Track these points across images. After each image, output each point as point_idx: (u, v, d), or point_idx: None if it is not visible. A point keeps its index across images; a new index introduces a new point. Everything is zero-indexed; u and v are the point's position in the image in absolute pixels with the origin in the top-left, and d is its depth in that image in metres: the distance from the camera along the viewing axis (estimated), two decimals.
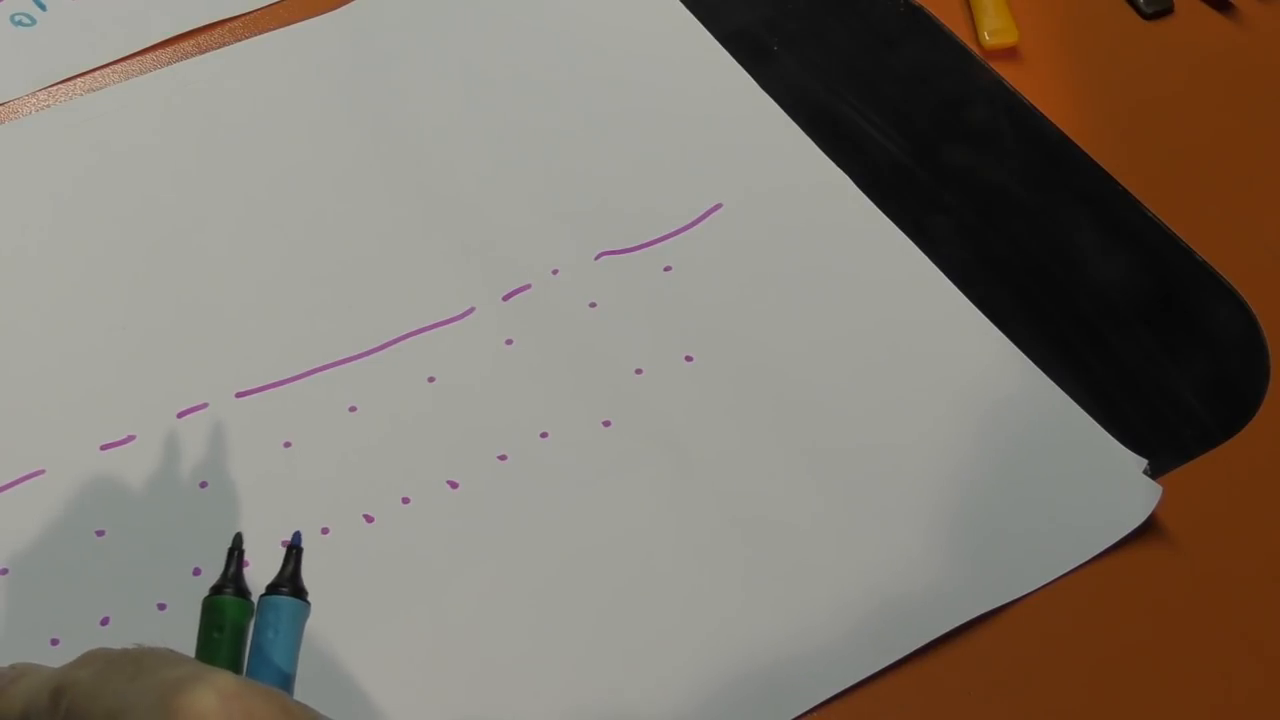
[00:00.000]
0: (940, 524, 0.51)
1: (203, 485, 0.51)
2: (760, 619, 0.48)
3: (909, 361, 0.55)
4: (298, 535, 0.39)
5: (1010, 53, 0.66)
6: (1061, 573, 0.50)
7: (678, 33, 0.66)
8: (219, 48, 0.64)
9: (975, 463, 0.52)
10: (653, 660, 0.47)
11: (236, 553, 0.39)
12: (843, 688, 0.47)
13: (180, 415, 0.52)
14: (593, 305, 0.56)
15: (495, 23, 0.66)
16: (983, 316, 0.56)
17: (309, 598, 0.38)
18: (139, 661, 0.35)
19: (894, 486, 0.52)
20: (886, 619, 0.48)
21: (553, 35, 0.66)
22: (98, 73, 0.63)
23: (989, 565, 0.50)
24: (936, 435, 0.53)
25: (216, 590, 0.38)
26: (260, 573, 0.48)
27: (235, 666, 0.37)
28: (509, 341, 0.55)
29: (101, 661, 0.36)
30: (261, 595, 0.38)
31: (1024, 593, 0.49)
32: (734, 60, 0.65)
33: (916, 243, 0.58)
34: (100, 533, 0.49)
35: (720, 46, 0.65)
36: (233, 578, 0.38)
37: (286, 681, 0.37)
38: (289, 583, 0.38)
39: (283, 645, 0.37)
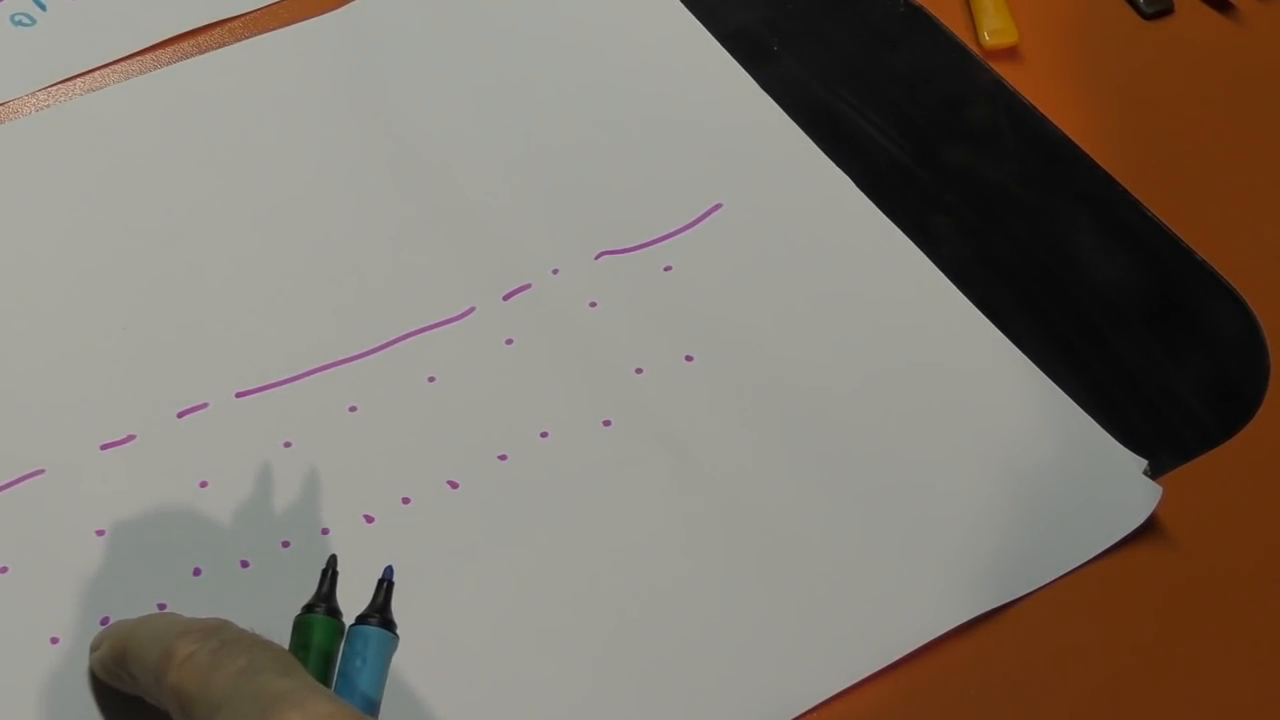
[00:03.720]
0: (940, 524, 0.51)
1: (203, 485, 0.51)
2: (759, 618, 0.48)
3: (908, 361, 0.55)
4: (389, 569, 0.39)
5: (1010, 53, 0.66)
6: (1062, 573, 0.50)
7: (678, 33, 0.66)
8: (219, 48, 0.64)
9: (975, 463, 0.52)
10: (652, 658, 0.47)
11: (330, 573, 0.39)
12: (843, 687, 0.47)
13: (180, 415, 0.52)
14: (593, 305, 0.56)
15: (495, 22, 0.66)
16: (983, 316, 0.56)
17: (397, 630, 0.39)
18: (251, 655, 0.36)
19: (894, 486, 0.52)
20: (887, 619, 0.48)
21: (553, 34, 0.66)
22: (98, 73, 0.63)
23: (989, 565, 0.50)
24: (936, 435, 0.53)
25: (308, 609, 0.38)
26: (257, 572, 0.48)
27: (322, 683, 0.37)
28: (509, 341, 0.55)
29: (217, 641, 0.37)
30: (351, 625, 0.38)
31: (1024, 592, 0.49)
32: (734, 60, 0.65)
33: (916, 243, 0.58)
34: (100, 532, 0.49)
35: (720, 47, 0.65)
36: (324, 596, 0.39)
37: (371, 710, 0.37)
38: (378, 614, 0.38)
39: (369, 674, 0.38)
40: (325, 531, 0.50)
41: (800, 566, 0.49)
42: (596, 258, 0.58)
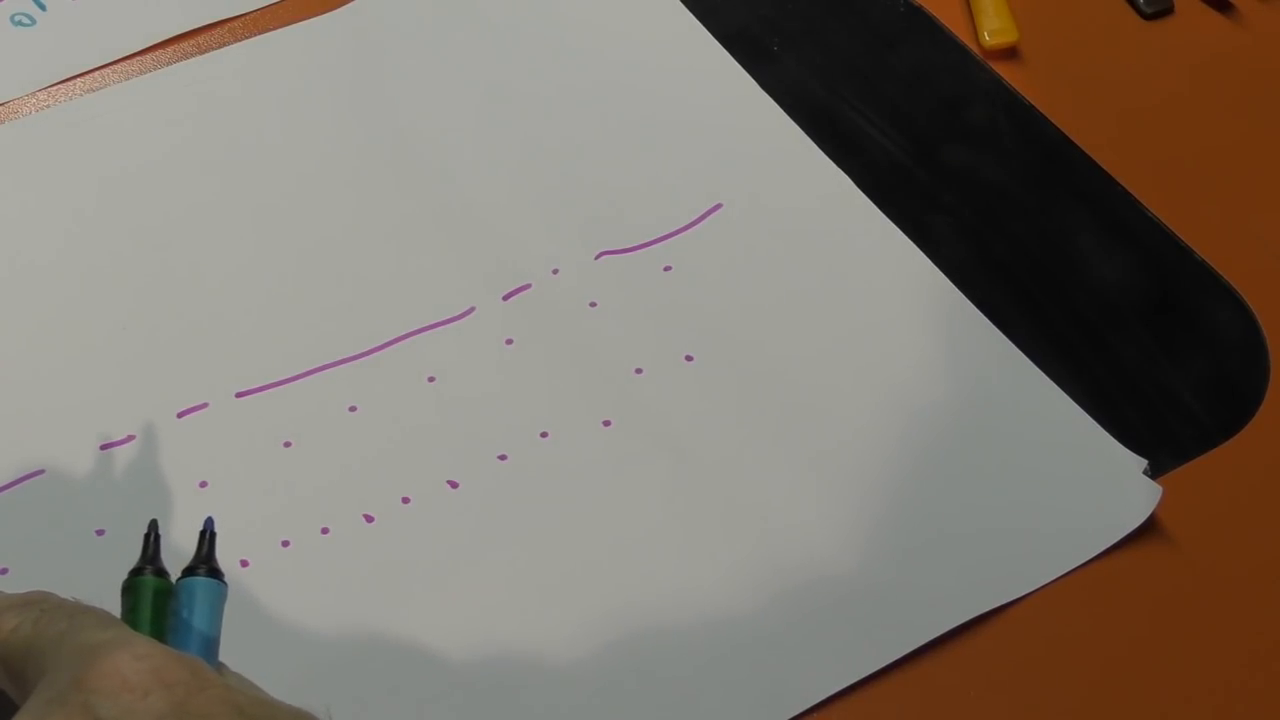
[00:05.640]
0: (940, 523, 0.51)
1: (203, 485, 0.51)
2: (759, 617, 0.48)
3: (908, 362, 0.55)
4: (210, 520, 0.40)
5: (1010, 53, 0.66)
6: (1061, 573, 0.50)
7: (678, 33, 0.66)
8: (219, 48, 0.65)
9: (975, 463, 0.52)
10: (653, 658, 0.47)
11: (152, 536, 0.40)
12: (842, 686, 0.47)
13: (180, 415, 0.52)
14: (593, 305, 0.56)
15: (496, 23, 0.66)
16: (983, 316, 0.56)
17: (226, 579, 0.40)
18: (72, 618, 0.37)
19: (894, 486, 0.52)
20: (886, 618, 0.48)
21: (553, 34, 0.66)
22: (98, 73, 0.64)
23: (989, 565, 0.50)
24: (936, 435, 0.53)
25: (136, 572, 0.39)
26: (257, 572, 0.48)
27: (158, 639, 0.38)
28: (509, 341, 0.55)
29: (37, 610, 0.37)
30: (177, 579, 0.39)
31: (1024, 593, 0.49)
32: (734, 60, 0.65)
33: (916, 243, 0.58)
34: (100, 532, 0.49)
35: (720, 46, 0.65)
36: (150, 559, 0.39)
37: (208, 648, 0.38)
38: (204, 564, 0.39)
39: (200, 619, 0.38)
40: (325, 531, 0.50)
41: (799, 565, 0.49)
42: (596, 258, 0.58)
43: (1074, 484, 0.52)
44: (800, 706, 0.46)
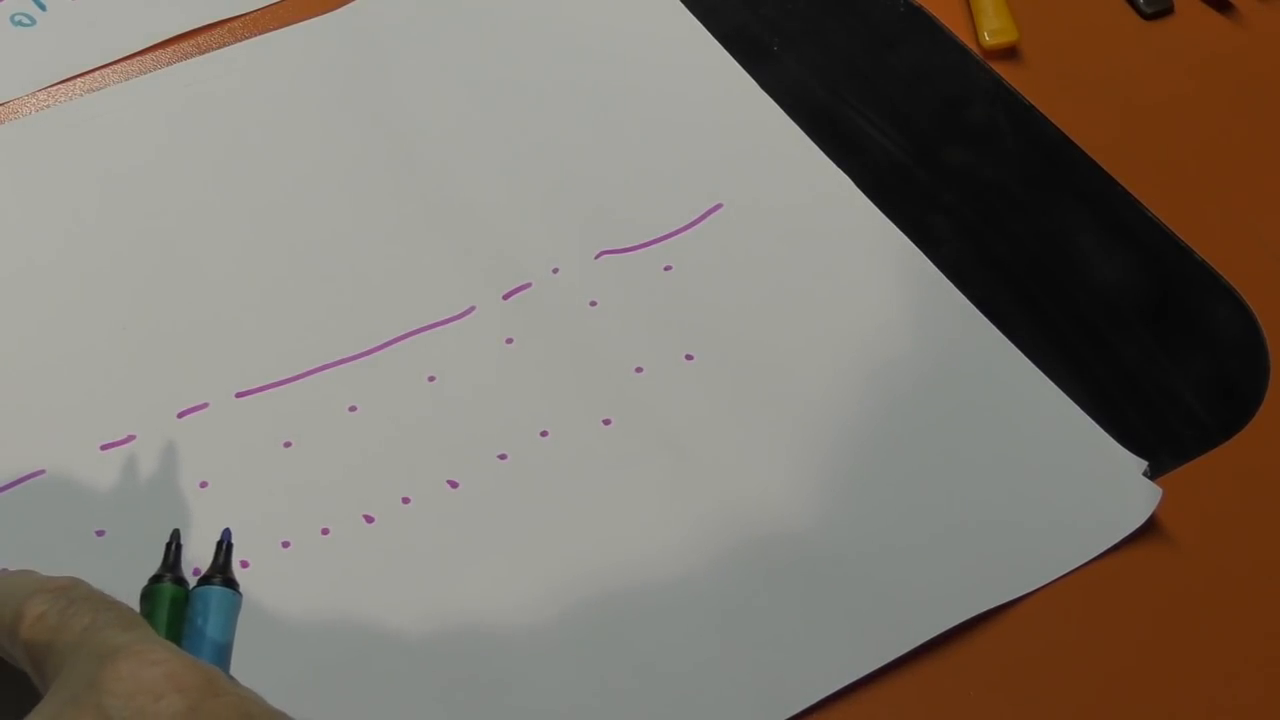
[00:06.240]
0: (940, 523, 0.51)
1: (203, 485, 0.51)
2: (758, 617, 0.48)
3: (908, 361, 0.55)
4: (227, 532, 0.41)
5: (1010, 53, 0.66)
6: (1061, 573, 0.50)
7: (678, 32, 0.66)
8: (219, 48, 0.65)
9: (975, 463, 0.52)
10: (652, 657, 0.47)
11: (174, 545, 0.41)
12: (841, 685, 0.47)
13: (180, 415, 0.52)
14: (593, 304, 0.56)
15: (496, 22, 0.66)
16: (983, 317, 0.56)
17: (240, 589, 0.40)
18: (96, 613, 0.38)
19: (893, 486, 0.52)
20: (886, 617, 0.48)
21: (553, 34, 0.66)
22: (98, 73, 0.63)
23: (989, 565, 0.50)
24: (936, 435, 0.53)
25: (155, 580, 0.40)
26: (257, 573, 0.48)
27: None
28: (509, 340, 0.55)
29: (66, 600, 0.38)
30: (193, 588, 0.40)
31: (1023, 593, 0.49)
32: (734, 60, 0.65)
33: (916, 242, 0.58)
34: (100, 533, 0.49)
35: (720, 46, 0.65)
36: (170, 567, 0.40)
37: (221, 655, 0.39)
38: (219, 573, 0.40)
39: (214, 627, 0.39)
40: (325, 532, 0.50)
41: (799, 565, 0.49)
42: (597, 257, 0.58)
43: (1073, 485, 0.52)
44: (799, 705, 0.46)
